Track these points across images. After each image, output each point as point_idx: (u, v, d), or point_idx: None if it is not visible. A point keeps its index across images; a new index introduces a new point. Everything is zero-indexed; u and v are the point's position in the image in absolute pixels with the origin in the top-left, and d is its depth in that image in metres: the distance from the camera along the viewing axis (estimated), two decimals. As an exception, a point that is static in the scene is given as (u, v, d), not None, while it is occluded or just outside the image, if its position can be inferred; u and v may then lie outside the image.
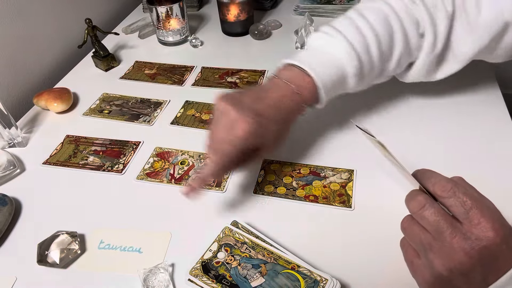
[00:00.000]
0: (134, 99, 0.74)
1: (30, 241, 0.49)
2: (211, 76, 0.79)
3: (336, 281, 0.42)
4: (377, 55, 0.52)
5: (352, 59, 0.50)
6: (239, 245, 0.46)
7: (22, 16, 0.78)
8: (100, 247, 0.49)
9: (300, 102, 0.50)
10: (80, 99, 0.76)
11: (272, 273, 0.43)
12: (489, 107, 0.65)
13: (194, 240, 0.49)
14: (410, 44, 0.53)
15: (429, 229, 0.35)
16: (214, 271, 0.44)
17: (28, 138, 0.67)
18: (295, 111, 0.50)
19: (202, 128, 0.66)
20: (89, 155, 0.62)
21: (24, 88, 0.80)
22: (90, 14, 0.86)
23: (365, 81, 0.54)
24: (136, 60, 0.86)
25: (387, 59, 0.53)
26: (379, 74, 0.55)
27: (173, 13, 0.87)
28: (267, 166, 0.58)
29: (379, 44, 0.51)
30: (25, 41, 0.79)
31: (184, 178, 0.57)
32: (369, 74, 0.53)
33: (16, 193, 0.56)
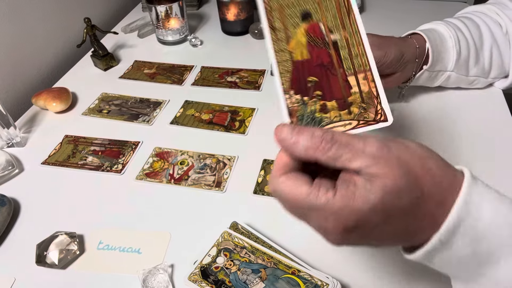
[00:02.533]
0: (133, 99, 0.74)
1: (29, 242, 0.49)
2: (210, 75, 0.79)
3: (337, 282, 0.41)
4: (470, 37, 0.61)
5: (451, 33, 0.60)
6: (239, 249, 0.46)
7: (20, 15, 0.77)
8: (99, 248, 0.49)
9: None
10: (79, 98, 0.76)
11: (272, 278, 0.43)
12: (490, 106, 0.65)
13: (193, 240, 0.48)
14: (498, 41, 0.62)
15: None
16: (213, 276, 0.43)
17: (26, 138, 0.67)
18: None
19: (202, 128, 0.66)
20: (88, 155, 0.62)
21: (22, 88, 0.80)
22: (89, 13, 0.86)
23: (463, 62, 0.61)
24: (135, 59, 0.86)
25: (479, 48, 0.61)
26: (476, 58, 0.61)
27: (172, 12, 0.87)
28: (267, 166, 0.58)
29: (470, 32, 0.61)
30: (23, 41, 0.79)
31: (184, 178, 0.57)
32: (466, 54, 0.60)
33: (14, 193, 0.56)
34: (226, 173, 0.57)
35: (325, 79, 0.34)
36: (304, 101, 0.33)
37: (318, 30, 0.35)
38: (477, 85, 0.66)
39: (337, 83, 0.34)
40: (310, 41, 0.35)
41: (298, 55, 0.34)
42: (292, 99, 0.33)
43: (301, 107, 0.33)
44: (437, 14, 0.78)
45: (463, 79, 0.64)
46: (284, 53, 0.34)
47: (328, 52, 0.35)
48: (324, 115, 0.33)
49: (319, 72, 0.34)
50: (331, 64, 0.34)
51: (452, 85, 0.65)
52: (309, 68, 0.34)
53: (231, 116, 0.68)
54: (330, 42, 0.35)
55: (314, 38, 0.35)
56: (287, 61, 0.34)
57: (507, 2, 0.64)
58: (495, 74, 0.64)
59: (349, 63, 0.34)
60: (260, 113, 0.69)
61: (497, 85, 0.67)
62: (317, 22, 0.35)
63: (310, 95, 0.34)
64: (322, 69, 0.34)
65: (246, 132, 0.65)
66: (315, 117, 0.33)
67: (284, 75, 0.34)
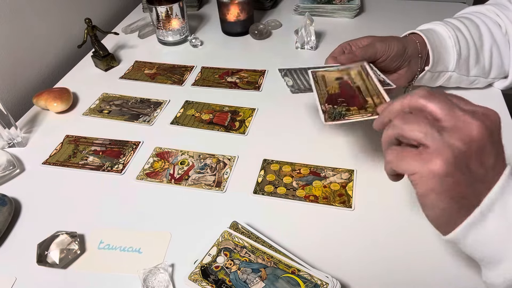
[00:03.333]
0: (134, 99, 0.74)
1: (30, 241, 0.49)
2: (211, 76, 0.79)
3: (336, 282, 0.42)
4: (470, 36, 0.62)
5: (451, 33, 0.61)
6: (239, 249, 0.46)
7: (21, 15, 0.78)
8: (99, 247, 0.49)
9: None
10: (80, 99, 0.76)
11: (272, 277, 0.43)
12: (489, 106, 0.65)
13: (194, 240, 0.49)
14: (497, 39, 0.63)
15: (437, 112, 0.34)
16: (213, 275, 0.44)
17: (27, 138, 0.67)
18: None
19: (202, 128, 0.66)
20: (88, 155, 0.62)
21: (23, 88, 0.80)
22: (89, 14, 0.86)
23: (464, 62, 0.62)
24: (136, 60, 0.86)
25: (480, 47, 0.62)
26: (476, 58, 0.62)
27: (173, 13, 0.87)
28: (267, 166, 0.58)
29: (470, 32, 0.62)
30: (24, 41, 0.79)
31: (184, 178, 0.57)
32: (466, 54, 0.61)
33: (15, 193, 0.56)
34: (226, 173, 0.57)
35: (350, 98, 0.49)
36: (335, 107, 0.48)
37: (347, 82, 0.53)
38: (477, 85, 0.66)
39: (359, 100, 0.49)
40: (340, 84, 0.53)
41: (331, 90, 0.51)
42: (326, 107, 0.48)
43: (332, 109, 0.48)
44: (437, 14, 0.78)
45: (464, 79, 0.64)
46: (322, 91, 0.51)
47: (354, 89, 0.51)
48: (348, 112, 0.47)
49: (346, 97, 0.49)
50: (353, 95, 0.50)
51: (453, 85, 0.66)
52: (339, 96, 0.50)
53: (231, 116, 0.68)
54: (355, 86, 0.52)
55: (343, 83, 0.53)
56: (325, 94, 0.50)
57: (507, 3, 0.64)
58: (495, 74, 0.64)
59: (366, 94, 0.50)
60: (260, 113, 0.69)
61: (496, 86, 0.68)
62: (347, 80, 0.53)
63: (338, 104, 0.48)
64: (350, 97, 0.50)
65: (246, 132, 0.65)
66: (341, 113, 0.47)
67: (321, 96, 0.50)
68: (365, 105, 0.47)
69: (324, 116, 0.46)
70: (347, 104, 0.48)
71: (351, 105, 0.48)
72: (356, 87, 0.50)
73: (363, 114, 0.46)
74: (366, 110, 0.46)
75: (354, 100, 0.48)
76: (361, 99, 0.48)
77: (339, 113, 0.47)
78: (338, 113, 0.47)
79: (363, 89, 0.50)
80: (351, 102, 0.48)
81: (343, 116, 0.46)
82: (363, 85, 0.51)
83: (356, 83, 0.51)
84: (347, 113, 0.47)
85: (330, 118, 0.46)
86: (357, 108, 0.47)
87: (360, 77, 0.52)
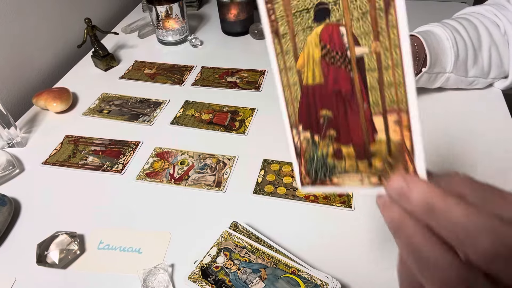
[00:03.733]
0: (134, 99, 0.74)
1: (30, 241, 0.49)
2: (211, 75, 0.79)
3: (337, 282, 0.42)
4: (468, 37, 0.61)
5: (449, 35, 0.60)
6: (239, 249, 0.46)
7: (21, 15, 0.78)
8: (99, 248, 0.49)
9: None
10: (80, 99, 0.76)
11: (272, 277, 0.43)
12: (489, 106, 0.65)
13: (194, 240, 0.48)
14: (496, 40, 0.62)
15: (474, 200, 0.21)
16: (213, 276, 0.43)
17: (27, 138, 0.67)
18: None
19: (202, 128, 0.66)
20: (88, 155, 0.62)
21: (23, 88, 0.80)
22: (89, 14, 0.86)
23: (461, 64, 0.61)
24: (135, 59, 0.86)
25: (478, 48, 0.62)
26: (474, 59, 0.61)
27: (172, 13, 0.87)
28: (267, 166, 0.58)
29: (468, 32, 0.61)
30: (24, 41, 0.79)
31: (184, 178, 0.57)
32: (464, 55, 0.60)
33: (15, 193, 0.56)
34: (226, 173, 0.57)
35: (342, 115, 0.25)
36: (315, 141, 0.26)
37: (337, 36, 0.24)
38: (476, 86, 0.66)
39: (357, 123, 0.25)
40: (325, 55, 0.24)
41: (309, 77, 0.25)
42: (301, 136, 0.27)
43: (311, 148, 0.26)
44: (437, 14, 0.78)
45: (462, 80, 0.64)
46: (292, 73, 0.26)
47: (349, 75, 0.24)
48: (338, 162, 0.26)
49: (335, 104, 0.25)
50: (351, 94, 0.24)
51: (452, 86, 0.66)
52: (323, 96, 0.25)
53: (231, 116, 0.68)
54: (354, 58, 0.24)
55: (330, 51, 0.24)
56: (295, 84, 0.26)
57: (505, 3, 0.64)
58: (495, 74, 0.64)
59: (378, 96, 0.24)
60: (260, 113, 0.69)
61: (496, 86, 0.67)
62: (336, 24, 0.24)
63: (322, 133, 0.26)
64: (339, 100, 0.25)
65: (246, 132, 0.65)
66: (326, 162, 0.26)
67: (291, 104, 0.26)
68: (369, 144, 0.25)
69: (299, 160, 0.27)
70: (336, 136, 0.26)
71: (343, 140, 0.26)
72: (358, 64, 0.24)
73: (363, 173, 0.25)
74: (370, 163, 0.25)
75: (350, 126, 0.25)
76: (364, 120, 0.25)
77: (323, 162, 0.26)
78: (321, 161, 0.26)
79: (372, 80, 0.24)
80: (344, 131, 0.25)
81: (330, 171, 0.26)
82: (374, 75, 0.24)
83: (361, 50, 0.24)
84: (337, 166, 0.26)
85: (309, 167, 0.27)
86: (354, 153, 0.25)
87: (372, 30, 0.23)
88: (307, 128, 0.26)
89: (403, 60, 0.22)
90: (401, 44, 0.22)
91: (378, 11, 0.22)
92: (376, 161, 0.25)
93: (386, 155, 0.24)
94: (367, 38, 0.23)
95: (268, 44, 0.26)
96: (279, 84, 0.26)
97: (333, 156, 0.26)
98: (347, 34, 0.23)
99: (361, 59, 0.24)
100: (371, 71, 0.24)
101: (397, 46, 0.22)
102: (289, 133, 0.27)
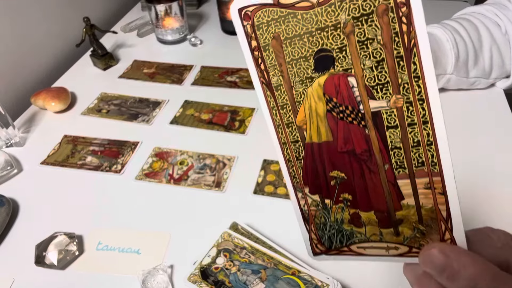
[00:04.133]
0: (133, 99, 0.74)
1: (28, 242, 0.49)
2: (210, 75, 0.79)
3: (337, 283, 0.41)
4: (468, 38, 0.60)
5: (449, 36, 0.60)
6: (238, 250, 0.45)
7: (19, 15, 0.77)
8: (98, 248, 0.48)
9: None
10: (78, 98, 0.75)
11: (272, 278, 0.42)
12: (492, 106, 0.65)
13: (193, 241, 0.48)
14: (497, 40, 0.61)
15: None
16: (213, 277, 0.43)
17: (25, 138, 0.67)
18: None
19: (202, 128, 0.66)
20: (87, 155, 0.62)
21: (21, 87, 0.79)
22: (88, 13, 0.86)
23: (462, 65, 0.61)
24: (134, 59, 0.86)
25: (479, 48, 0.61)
26: (475, 60, 0.61)
27: (172, 12, 0.86)
28: (267, 166, 0.58)
29: (468, 33, 0.61)
30: (22, 40, 0.79)
31: (183, 179, 0.57)
32: (465, 56, 0.60)
33: (13, 194, 0.56)
34: (226, 173, 0.57)
35: (358, 177, 0.21)
36: (326, 204, 0.23)
37: (346, 88, 0.20)
38: (478, 86, 0.66)
39: (378, 186, 0.21)
40: (332, 110, 0.21)
41: (313, 134, 0.22)
42: (308, 200, 0.23)
43: (322, 212, 0.23)
44: (437, 13, 0.77)
45: (463, 81, 0.64)
46: (291, 130, 0.22)
47: (364, 132, 0.21)
48: (357, 229, 0.22)
49: (349, 165, 0.21)
50: (368, 154, 0.21)
51: (453, 87, 0.65)
52: (332, 155, 0.22)
53: (231, 116, 0.68)
54: (369, 113, 0.20)
55: (337, 105, 0.21)
56: (296, 142, 0.22)
57: (506, 2, 0.64)
58: (496, 74, 0.64)
59: (402, 157, 0.20)
60: (260, 113, 0.68)
61: (498, 85, 0.67)
62: (344, 74, 0.20)
63: (334, 197, 0.22)
64: (353, 160, 0.21)
65: (246, 132, 0.64)
66: (342, 228, 0.23)
67: (293, 164, 0.23)
68: (395, 211, 0.21)
69: (308, 227, 0.24)
70: (352, 200, 0.22)
71: (362, 206, 0.22)
72: (374, 119, 0.20)
73: (389, 242, 0.22)
74: (397, 232, 0.22)
75: (370, 190, 0.22)
76: (387, 184, 0.21)
77: (339, 228, 0.23)
78: (335, 227, 0.23)
79: (394, 137, 0.21)
80: (362, 196, 0.22)
81: (347, 239, 0.23)
82: (396, 132, 0.21)
83: (377, 104, 0.20)
84: (355, 234, 0.23)
85: (323, 246, 0.24)
86: (376, 220, 0.22)
87: (391, 80, 0.20)
88: (315, 192, 0.23)
89: (432, 116, 0.20)
90: (430, 98, 0.19)
91: (397, 60, 0.19)
92: (404, 229, 0.21)
93: (416, 223, 0.21)
94: (384, 91, 0.20)
95: (259, 97, 0.23)
96: (276, 142, 0.23)
97: (350, 222, 0.22)
98: (359, 85, 0.20)
99: (378, 115, 0.20)
100: (391, 128, 0.20)
101: (424, 101, 0.19)
102: (294, 196, 0.24)
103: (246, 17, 0.22)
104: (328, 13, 0.19)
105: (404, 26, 0.18)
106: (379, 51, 0.19)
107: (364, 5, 0.18)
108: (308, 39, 0.20)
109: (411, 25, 0.18)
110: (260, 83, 0.23)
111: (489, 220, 0.47)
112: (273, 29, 0.21)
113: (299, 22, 0.20)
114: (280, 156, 0.23)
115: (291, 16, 0.20)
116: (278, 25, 0.21)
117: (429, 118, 0.20)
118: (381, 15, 0.18)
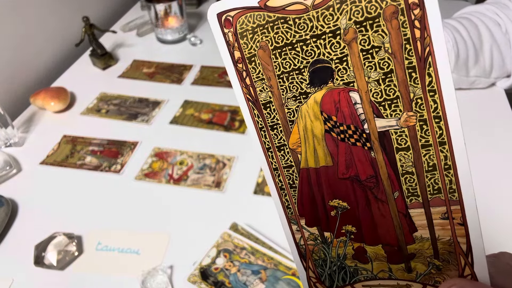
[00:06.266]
0: (132, 99, 0.74)
1: (27, 243, 0.48)
2: (210, 75, 0.79)
3: (337, 283, 0.41)
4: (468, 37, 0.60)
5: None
6: (238, 250, 0.45)
7: (19, 14, 0.77)
8: (97, 249, 0.48)
9: None
10: (78, 98, 0.75)
11: (272, 279, 0.42)
12: (492, 106, 0.64)
13: (193, 241, 0.48)
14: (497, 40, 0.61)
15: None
16: (212, 277, 0.43)
17: (24, 138, 0.66)
18: None
19: (201, 128, 0.66)
20: (86, 155, 0.62)
21: (20, 87, 0.79)
22: (87, 12, 0.86)
23: (462, 64, 0.61)
24: (134, 58, 0.86)
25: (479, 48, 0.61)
26: (475, 59, 0.61)
27: (171, 11, 0.86)
28: (267, 166, 0.57)
29: (468, 32, 0.60)
30: (21, 40, 0.78)
31: (183, 179, 0.57)
32: (465, 55, 0.60)
33: (12, 194, 0.56)
34: (225, 173, 0.57)
35: (362, 206, 0.19)
36: (326, 238, 0.20)
37: (347, 105, 0.18)
38: (478, 85, 0.66)
39: (386, 217, 0.19)
40: (331, 130, 0.18)
41: (309, 159, 0.19)
42: (304, 234, 0.21)
43: (321, 247, 0.20)
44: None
45: (463, 80, 0.63)
46: (283, 153, 0.20)
47: (369, 155, 0.18)
48: (362, 265, 0.20)
49: (352, 193, 0.19)
50: (375, 181, 0.18)
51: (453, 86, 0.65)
52: (332, 181, 0.19)
53: (230, 115, 0.68)
54: (375, 134, 0.18)
55: (337, 125, 0.18)
56: (290, 167, 0.20)
57: (507, 1, 0.64)
58: (497, 74, 0.64)
59: (415, 183, 0.18)
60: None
61: (499, 85, 0.67)
62: (345, 89, 0.18)
63: (335, 230, 0.20)
64: (357, 187, 0.19)
65: (246, 132, 0.64)
66: (345, 265, 0.20)
67: (286, 191, 0.20)
68: (406, 244, 0.19)
69: (305, 264, 0.21)
70: (356, 232, 0.20)
71: (368, 240, 0.20)
72: (382, 142, 0.18)
73: (399, 280, 0.20)
74: (409, 267, 0.19)
75: (377, 221, 0.19)
76: (396, 214, 0.19)
77: (340, 265, 0.21)
78: (337, 264, 0.21)
79: (406, 161, 0.18)
80: (368, 228, 0.19)
81: (350, 277, 0.20)
82: (407, 155, 0.18)
83: (385, 123, 0.18)
84: (361, 271, 0.20)
85: (323, 286, 0.21)
86: (385, 255, 0.20)
87: (402, 96, 0.17)
88: (312, 224, 0.20)
89: (451, 136, 0.17)
90: (447, 115, 0.16)
91: (408, 71, 0.16)
92: (417, 264, 0.19)
93: (431, 257, 0.19)
94: (393, 107, 0.17)
95: (245, 116, 0.20)
96: (266, 167, 0.20)
97: (354, 258, 0.20)
98: (363, 101, 0.17)
99: (386, 135, 0.18)
100: (402, 150, 0.18)
101: (442, 118, 0.17)
102: (288, 229, 0.21)
103: (227, 23, 0.18)
104: (325, 18, 0.16)
105: (417, 31, 0.16)
106: (386, 61, 0.17)
107: (369, 7, 0.16)
108: (301, 49, 0.17)
109: (426, 30, 0.15)
110: (245, 100, 0.19)
111: (489, 219, 0.47)
112: (259, 37, 0.18)
113: (291, 28, 0.17)
114: (271, 184, 0.20)
115: (281, 22, 0.17)
116: (266, 32, 0.18)
117: (447, 139, 0.17)
118: (389, 18, 0.16)
